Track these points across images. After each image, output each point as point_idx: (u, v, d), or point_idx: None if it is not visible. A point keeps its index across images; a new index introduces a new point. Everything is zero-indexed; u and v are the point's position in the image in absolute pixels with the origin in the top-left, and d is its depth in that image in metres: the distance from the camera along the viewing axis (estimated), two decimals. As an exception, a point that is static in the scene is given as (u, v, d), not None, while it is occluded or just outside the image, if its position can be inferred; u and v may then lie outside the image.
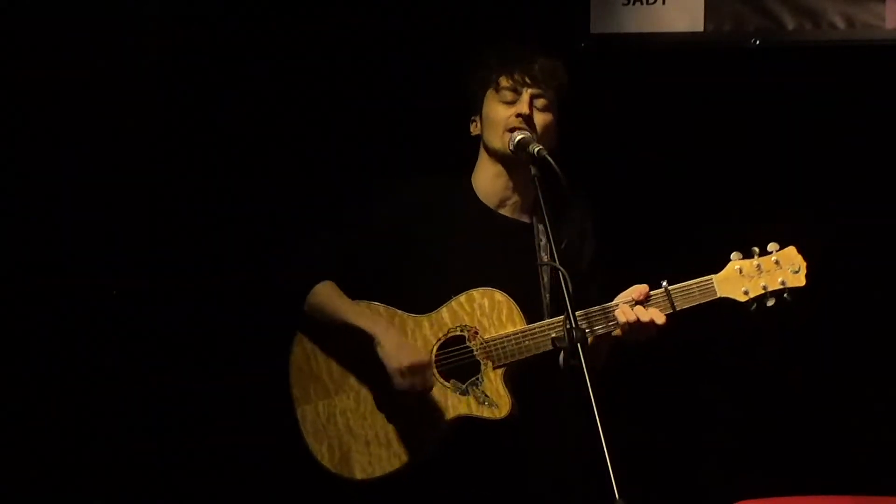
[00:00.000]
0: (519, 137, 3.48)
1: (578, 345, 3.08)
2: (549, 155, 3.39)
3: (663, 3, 4.63)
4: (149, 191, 4.60)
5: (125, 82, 4.56)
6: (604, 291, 3.53)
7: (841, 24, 4.52)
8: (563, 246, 3.45)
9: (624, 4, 4.66)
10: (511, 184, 3.62)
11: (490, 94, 3.60)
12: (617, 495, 2.88)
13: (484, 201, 3.64)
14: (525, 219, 3.65)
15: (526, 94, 3.55)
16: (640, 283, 3.48)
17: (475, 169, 3.68)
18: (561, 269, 3.19)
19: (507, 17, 4.62)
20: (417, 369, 3.45)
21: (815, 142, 4.53)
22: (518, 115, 3.53)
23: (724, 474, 4.61)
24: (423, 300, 3.56)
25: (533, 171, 3.41)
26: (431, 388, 3.49)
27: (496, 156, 3.60)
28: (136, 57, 4.58)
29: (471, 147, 3.70)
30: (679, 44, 4.63)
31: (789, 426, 4.60)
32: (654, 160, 4.62)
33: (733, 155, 4.59)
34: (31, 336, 4.48)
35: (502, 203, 3.64)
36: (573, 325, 3.12)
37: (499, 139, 3.56)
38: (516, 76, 3.55)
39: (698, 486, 4.61)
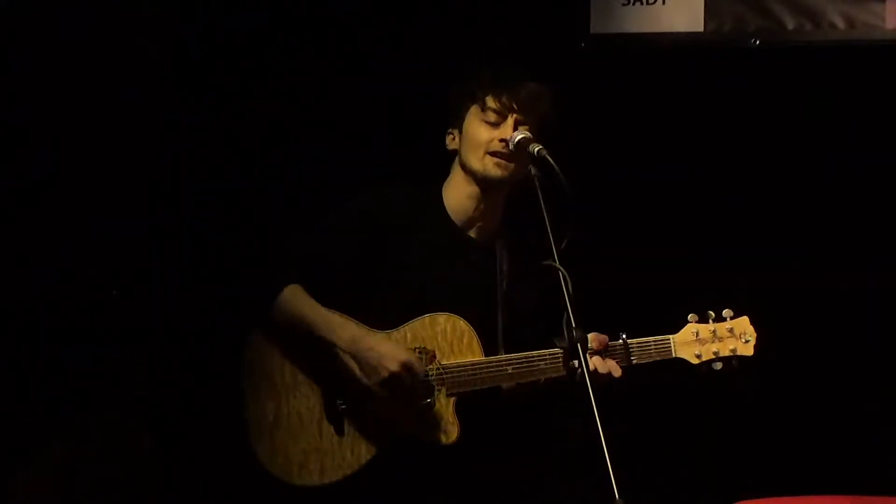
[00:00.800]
0: (519, 137, 3.47)
1: (578, 345, 3.08)
2: (516, 186, 3.41)
3: (663, 3, 4.63)
4: (123, 193, 4.60)
5: (112, 83, 4.56)
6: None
7: (841, 24, 4.52)
8: (563, 246, 3.45)
9: (624, 4, 4.66)
10: (483, 206, 3.62)
11: (474, 111, 3.59)
12: (617, 495, 2.89)
13: (453, 218, 3.64)
14: (489, 244, 3.66)
15: (511, 118, 3.53)
16: (607, 320, 3.52)
17: (448, 183, 3.67)
18: (561, 269, 3.19)
19: (507, 16, 4.62)
20: (410, 367, 3.46)
21: (815, 142, 4.53)
22: (501, 140, 3.52)
23: (724, 474, 4.61)
24: (386, 316, 3.55)
25: (533, 171, 3.40)
26: (416, 388, 3.49)
27: (472, 176, 3.59)
28: (117, 57, 4.58)
29: (447, 160, 3.68)
30: (679, 44, 4.63)
31: (789, 426, 4.60)
32: (653, 160, 4.62)
33: (733, 155, 4.59)
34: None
35: (471, 224, 3.64)
36: (573, 326, 3.12)
37: (478, 161, 3.56)
38: (504, 99, 3.53)
39: (698, 486, 4.61)
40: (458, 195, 3.63)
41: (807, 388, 4.59)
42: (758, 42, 4.58)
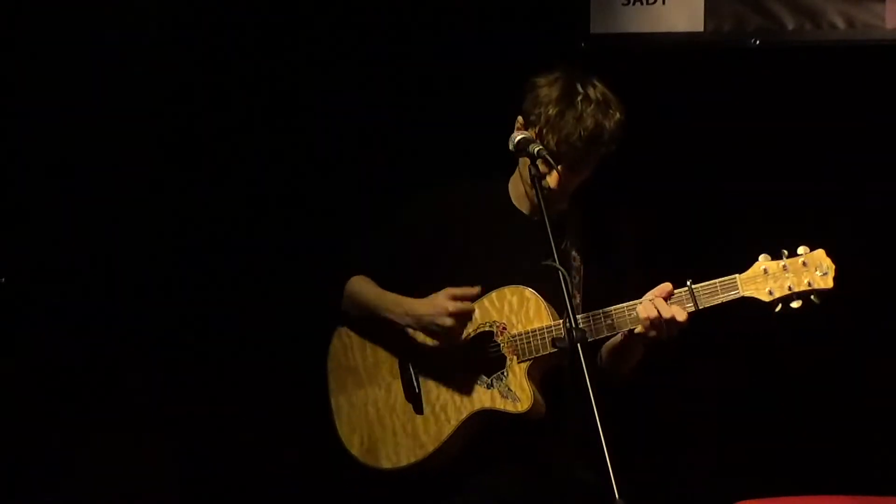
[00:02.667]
0: (519, 137, 3.47)
1: (578, 345, 3.08)
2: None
3: (663, 3, 4.63)
4: (189, 186, 4.67)
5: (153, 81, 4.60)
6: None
7: (841, 24, 4.52)
8: (563, 247, 3.45)
9: (624, 4, 4.66)
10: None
11: (535, 133, 3.49)
12: (617, 495, 2.89)
13: (519, 208, 3.67)
14: (560, 222, 3.60)
15: (560, 168, 3.45)
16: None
17: (513, 179, 3.68)
18: (561, 269, 3.20)
19: (508, 16, 4.62)
20: (457, 313, 3.47)
21: (815, 142, 4.52)
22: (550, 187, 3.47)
23: (724, 474, 4.61)
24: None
25: (533, 171, 3.41)
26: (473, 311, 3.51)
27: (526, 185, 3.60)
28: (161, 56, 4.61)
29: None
30: (679, 44, 4.63)
31: (789, 426, 4.60)
32: (653, 160, 4.62)
33: (733, 155, 4.59)
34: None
35: (535, 211, 3.63)
36: (573, 326, 3.12)
37: (526, 184, 3.55)
38: (561, 147, 3.44)
39: (698, 486, 4.61)
40: (520, 189, 3.65)
41: (807, 387, 4.59)
42: (758, 42, 4.58)
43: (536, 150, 3.40)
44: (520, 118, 3.59)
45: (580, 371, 3.04)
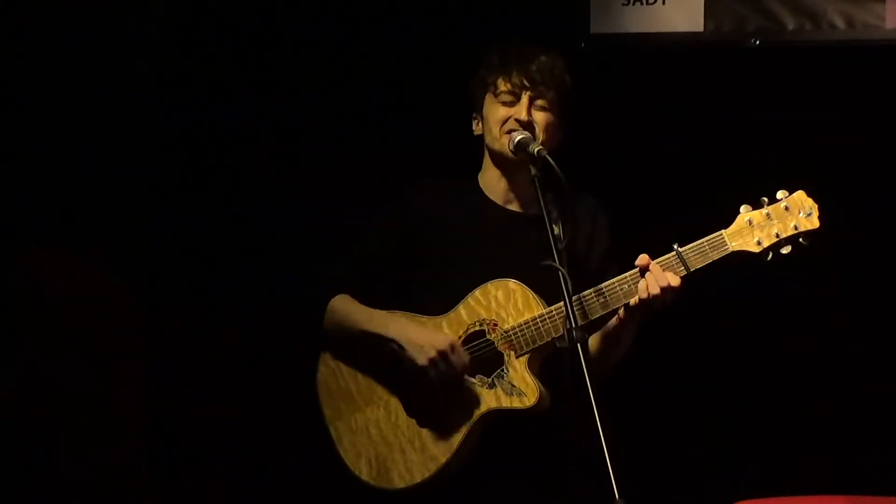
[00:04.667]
0: (519, 138, 3.48)
1: (579, 345, 3.08)
2: (552, 153, 3.39)
3: (663, 3, 4.63)
4: (166, 205, 4.62)
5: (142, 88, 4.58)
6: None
7: (841, 24, 4.52)
8: (563, 245, 3.43)
9: (624, 4, 4.66)
10: (515, 183, 3.62)
11: (489, 95, 3.60)
12: (617, 495, 2.89)
13: (491, 198, 3.65)
14: (534, 210, 3.61)
15: (525, 97, 3.53)
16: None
17: (482, 168, 3.68)
18: (561, 269, 3.19)
19: (507, 16, 4.62)
20: (446, 353, 3.44)
21: (815, 142, 4.52)
22: (516, 120, 3.52)
23: (724, 474, 4.61)
24: (442, 302, 3.55)
25: (533, 171, 3.41)
26: (468, 365, 3.47)
27: (497, 158, 3.60)
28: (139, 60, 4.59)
29: (477, 147, 3.69)
30: (679, 44, 4.63)
31: (789, 426, 4.60)
32: (653, 160, 4.62)
33: (732, 155, 4.59)
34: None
35: (509, 200, 3.65)
36: (573, 326, 3.12)
37: (497, 142, 3.56)
38: (514, 79, 3.53)
39: (698, 486, 4.61)
40: (490, 177, 3.65)
41: (807, 387, 4.59)
42: (758, 42, 4.58)
43: (536, 150, 3.41)
44: (476, 116, 3.65)
45: (580, 371, 3.04)
